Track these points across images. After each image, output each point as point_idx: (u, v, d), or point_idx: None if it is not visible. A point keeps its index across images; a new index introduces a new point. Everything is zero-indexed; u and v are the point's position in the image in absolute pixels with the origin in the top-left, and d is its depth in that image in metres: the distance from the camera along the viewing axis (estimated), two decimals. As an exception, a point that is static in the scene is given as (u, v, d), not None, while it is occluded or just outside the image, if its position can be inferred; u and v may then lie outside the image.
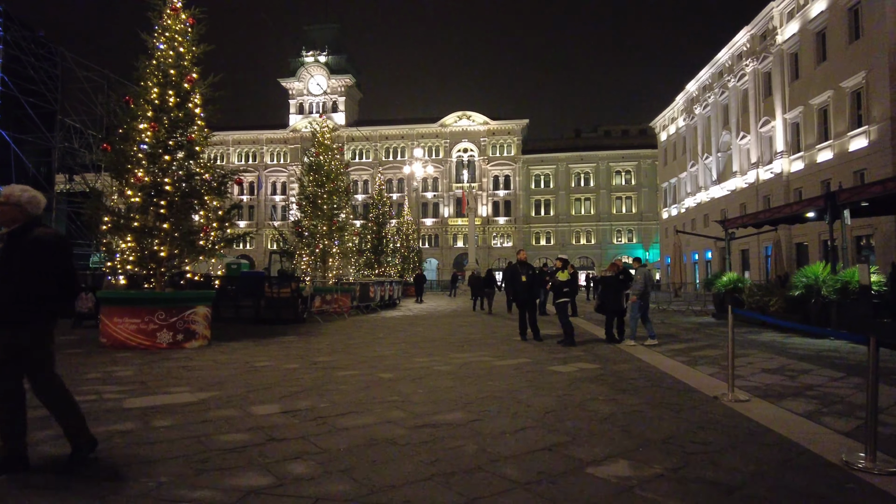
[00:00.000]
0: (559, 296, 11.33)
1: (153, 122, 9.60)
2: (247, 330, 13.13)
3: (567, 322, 10.99)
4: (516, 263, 12.23)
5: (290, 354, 9.02)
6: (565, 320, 11.00)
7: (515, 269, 12.07)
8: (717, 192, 42.15)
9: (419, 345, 10.58)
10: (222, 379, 6.85)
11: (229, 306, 16.02)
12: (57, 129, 25.56)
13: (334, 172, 19.24)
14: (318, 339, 11.46)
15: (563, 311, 11.19)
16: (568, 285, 11.45)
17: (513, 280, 12.04)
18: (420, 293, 29.67)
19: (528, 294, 12.16)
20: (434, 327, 14.51)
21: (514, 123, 71.67)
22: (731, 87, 39.09)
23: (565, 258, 11.86)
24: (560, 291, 11.30)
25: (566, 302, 11.26)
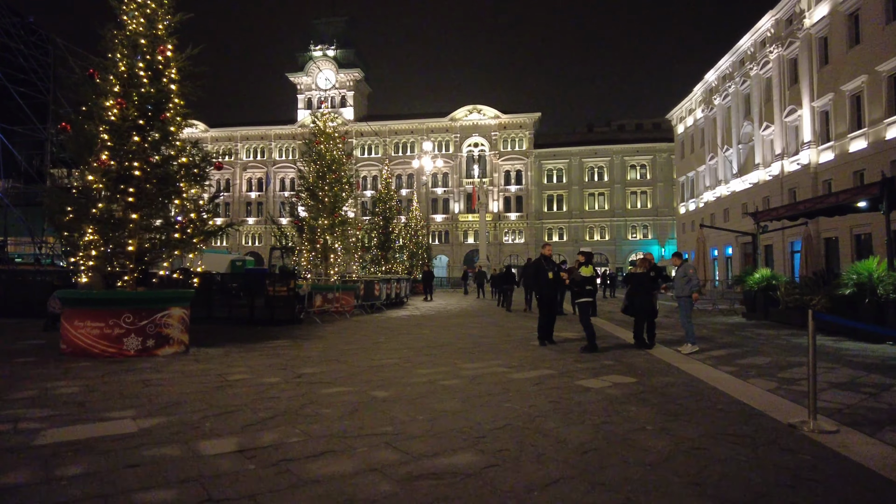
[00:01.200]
0: (581, 294, 10.00)
1: (120, 98, 8.42)
2: (237, 332, 11.97)
3: (590, 325, 9.71)
4: (541, 258, 10.99)
5: (274, 364, 7.82)
6: (588, 323, 9.71)
7: (540, 264, 10.85)
8: (738, 186, 40.49)
9: (424, 351, 9.34)
10: (182, 398, 5.65)
11: (223, 306, 14.91)
12: (50, 120, 24.56)
13: (336, 163, 18.03)
14: (312, 343, 10.26)
15: (586, 312, 9.88)
16: (591, 283, 10.15)
17: (538, 276, 10.82)
18: (429, 291, 28.43)
19: (553, 292, 10.94)
20: (442, 329, 13.27)
21: (526, 117, 70.15)
22: (753, 76, 37.41)
23: (589, 252, 10.53)
24: (582, 289, 9.98)
25: (589, 302, 9.96)
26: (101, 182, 8.20)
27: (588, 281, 9.99)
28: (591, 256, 10.46)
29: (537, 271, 10.91)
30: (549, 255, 11.09)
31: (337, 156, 18.19)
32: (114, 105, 8.38)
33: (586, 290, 9.94)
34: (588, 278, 10.00)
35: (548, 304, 10.83)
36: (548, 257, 10.99)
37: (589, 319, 9.75)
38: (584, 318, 9.76)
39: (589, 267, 10.08)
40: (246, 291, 14.67)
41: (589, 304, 9.89)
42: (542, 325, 10.81)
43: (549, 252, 11.14)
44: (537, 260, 11.09)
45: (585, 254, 10.31)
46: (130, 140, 8.40)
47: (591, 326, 9.72)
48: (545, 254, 11.03)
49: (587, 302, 9.92)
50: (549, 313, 10.86)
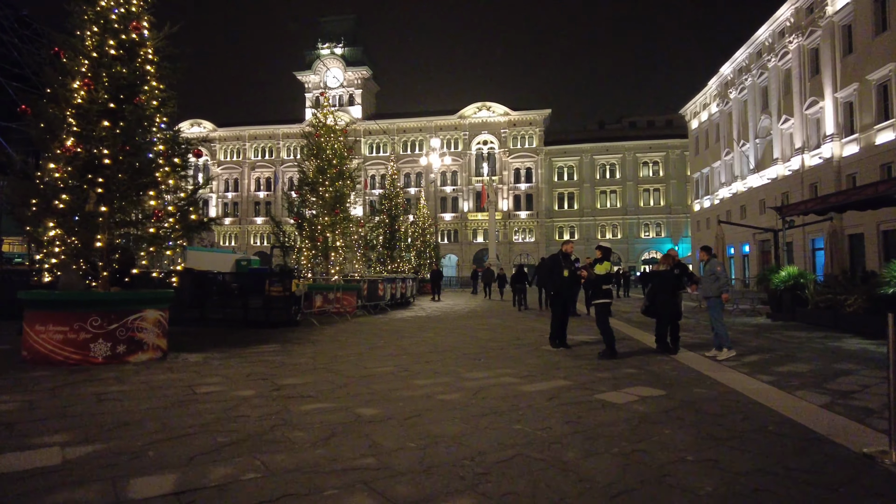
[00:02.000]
0: (598, 295, 9.08)
1: (88, 78, 7.62)
2: (227, 336, 11.17)
3: (608, 329, 8.79)
4: (559, 254, 10.10)
5: (254, 374, 6.98)
6: (606, 326, 8.79)
7: (558, 260, 9.97)
8: (755, 182, 39.28)
9: (425, 357, 8.47)
10: (134, 416, 4.82)
11: (217, 307, 14.14)
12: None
13: (337, 157, 17.21)
14: (303, 348, 9.42)
15: (604, 314, 8.96)
16: (609, 282, 9.22)
17: (553, 273, 9.93)
18: (437, 291, 27.55)
19: (568, 291, 10.06)
20: (448, 331, 12.39)
21: (536, 114, 69.10)
22: (771, 68, 36.19)
23: (607, 247, 9.60)
24: (599, 289, 9.06)
25: (607, 304, 9.03)
26: (65, 171, 7.40)
27: (605, 280, 9.08)
28: (609, 252, 9.54)
29: (552, 268, 10.02)
30: (570, 252, 10.18)
31: (338, 149, 17.37)
32: (81, 87, 7.58)
33: (603, 291, 9.02)
34: (605, 277, 9.08)
35: (562, 304, 9.96)
36: (567, 254, 10.10)
37: (608, 322, 8.84)
38: (603, 322, 8.84)
39: (606, 264, 9.16)
40: (241, 292, 13.87)
41: (607, 305, 8.98)
42: (555, 326, 9.93)
43: (570, 249, 10.23)
44: (554, 256, 10.19)
45: (602, 249, 9.38)
46: (99, 125, 7.59)
47: (611, 330, 8.81)
48: (565, 251, 10.14)
49: (605, 303, 9.00)
50: (563, 314, 9.98)
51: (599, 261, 9.18)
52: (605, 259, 9.21)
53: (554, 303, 10.09)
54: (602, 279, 8.98)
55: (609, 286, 9.11)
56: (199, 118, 79.23)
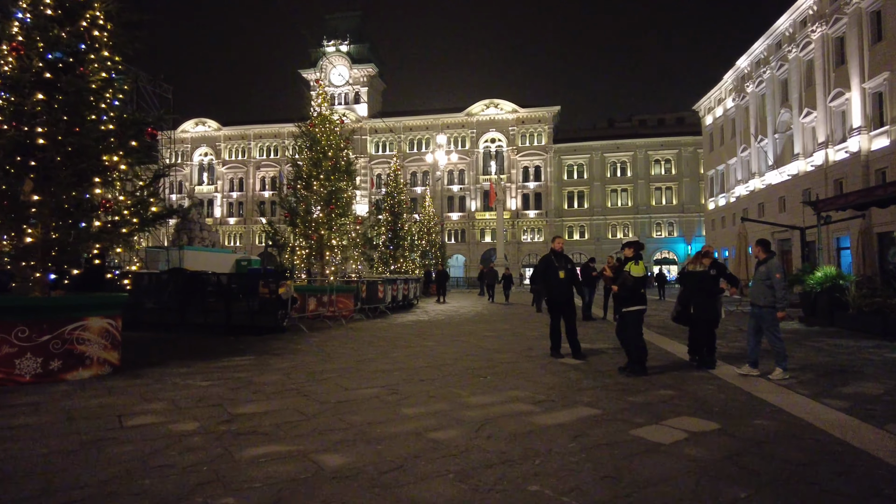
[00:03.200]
0: (633, 300, 7.67)
1: (17, 42, 6.41)
2: (202, 344, 9.96)
3: (641, 341, 7.45)
4: (550, 254, 8.85)
5: (208, 396, 5.73)
6: (638, 339, 7.43)
7: (549, 260, 8.77)
8: (774, 178, 37.70)
9: (421, 374, 7.19)
10: (20, 465, 3.57)
11: (199, 312, 12.95)
12: None
13: (333, 148, 15.98)
14: (281, 361, 8.17)
15: (638, 323, 7.61)
16: (645, 284, 7.86)
17: (546, 275, 8.75)
18: (442, 292, 26.27)
19: (566, 295, 8.78)
20: (450, 339, 11.11)
21: (545, 111, 67.65)
22: (791, 59, 34.62)
23: (639, 241, 8.23)
24: (635, 294, 7.61)
25: (642, 311, 7.68)
26: (-12, 152, 6.19)
27: (641, 283, 7.70)
28: (642, 248, 8.16)
29: (545, 270, 8.78)
30: (560, 249, 8.92)
31: (334, 141, 16.15)
32: (9, 52, 6.37)
33: (639, 296, 7.64)
34: (641, 279, 7.71)
35: (559, 309, 8.71)
36: (558, 252, 8.84)
37: (640, 334, 7.49)
38: (635, 332, 7.48)
39: (640, 264, 7.79)
40: (222, 295, 12.66)
41: (642, 313, 7.63)
42: (553, 333, 8.75)
43: (560, 246, 8.98)
44: (545, 257, 8.91)
45: (634, 245, 7.96)
46: (32, 99, 6.37)
47: (644, 344, 7.47)
48: (555, 248, 8.91)
49: (640, 311, 7.63)
50: (564, 320, 8.73)
51: (633, 260, 7.81)
52: (638, 258, 7.86)
53: (551, 308, 8.87)
54: (638, 283, 7.63)
55: (643, 289, 7.76)
56: (204, 117, 78.54)
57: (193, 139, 78.44)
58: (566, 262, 8.76)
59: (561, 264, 8.65)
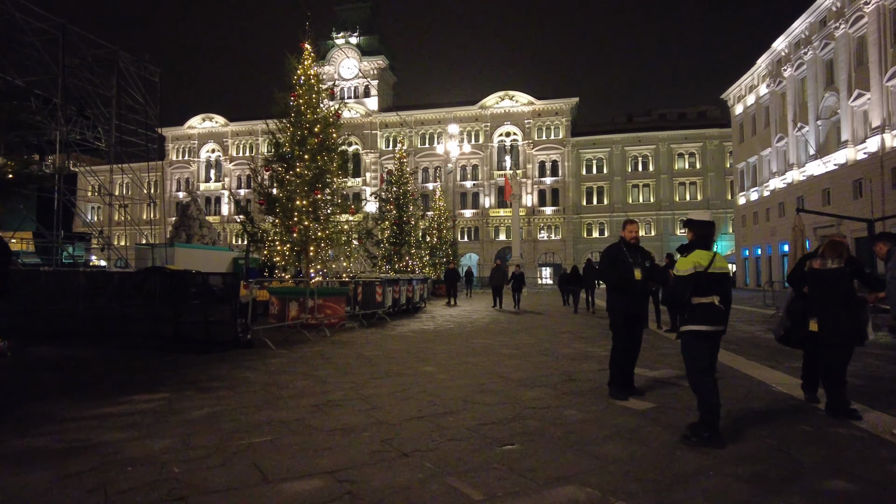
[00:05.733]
0: (693, 314, 4.56)
1: None
2: (118, 367, 7.35)
3: (704, 388, 4.42)
4: (620, 244, 6.04)
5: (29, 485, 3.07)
6: (699, 382, 4.47)
7: (619, 253, 5.97)
8: (816, 169, 34.51)
9: (404, 437, 4.42)
10: None
11: (145, 319, 10.36)
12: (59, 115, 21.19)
13: (320, 123, 13.33)
14: (200, 404, 5.46)
15: (696, 356, 4.55)
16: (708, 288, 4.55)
17: (617, 274, 5.91)
18: (453, 293, 23.52)
19: (643, 305, 6.04)
20: (458, 360, 8.38)
21: (563, 103, 64.59)
22: (839, 37, 31.42)
23: (704, 220, 4.81)
24: (695, 305, 4.57)
25: (701, 334, 4.52)
26: None
27: (705, 284, 4.56)
28: (709, 229, 4.82)
29: (612, 267, 5.94)
30: (635, 238, 6.08)
31: (322, 114, 13.49)
32: None
33: (701, 307, 4.53)
34: (705, 278, 4.59)
35: (631, 325, 5.92)
36: (631, 243, 6.02)
37: (701, 373, 4.49)
38: (697, 367, 4.52)
39: (698, 255, 4.62)
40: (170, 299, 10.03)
41: (702, 338, 4.54)
42: (617, 360, 5.91)
43: (635, 234, 6.06)
44: (613, 248, 6.08)
45: (693, 224, 4.86)
46: None
47: (709, 392, 4.37)
48: (627, 237, 6.04)
49: (702, 332, 4.51)
50: (633, 341, 5.95)
51: (687, 248, 4.81)
52: (701, 243, 4.71)
53: (615, 323, 5.96)
54: (699, 282, 4.52)
55: (710, 299, 4.52)
56: (211, 112, 76.57)
57: (201, 135, 76.51)
58: (643, 258, 5.99)
59: (636, 260, 5.89)
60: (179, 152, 77.11)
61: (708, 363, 4.56)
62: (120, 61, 24.21)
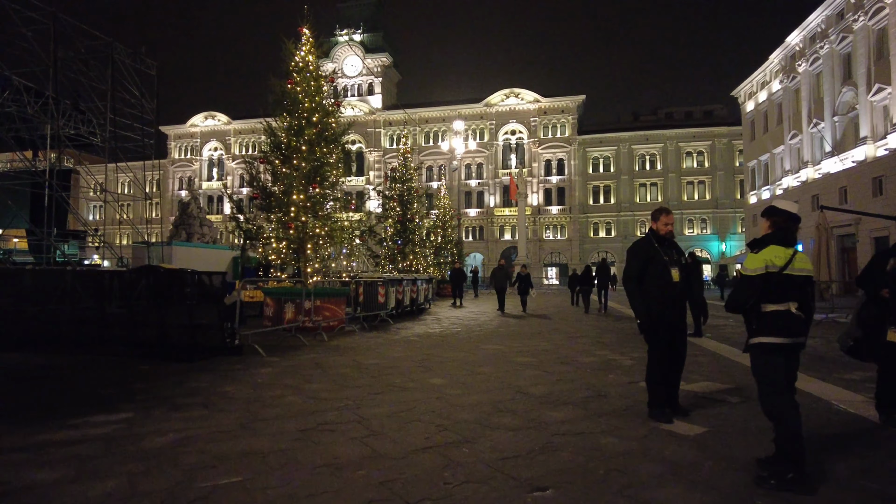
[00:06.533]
0: (765, 324, 3.65)
1: None
2: (88, 378, 6.52)
3: (782, 414, 3.53)
4: (650, 238, 5.12)
5: None
6: (778, 401, 3.57)
7: (651, 249, 5.02)
8: (832, 167, 33.47)
9: (408, 478, 3.58)
10: None
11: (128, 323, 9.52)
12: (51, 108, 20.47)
13: (318, 112, 12.48)
14: (164, 427, 4.61)
15: (770, 375, 3.64)
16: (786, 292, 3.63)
17: (648, 274, 4.96)
18: (458, 294, 22.67)
19: (681, 310, 5.07)
20: (468, 370, 7.51)
21: (569, 100, 63.57)
22: (858, 29, 30.38)
23: (787, 210, 3.81)
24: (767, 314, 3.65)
25: (777, 347, 3.59)
26: None
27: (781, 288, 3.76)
28: (791, 222, 3.85)
29: (646, 265, 4.99)
30: (669, 232, 5.15)
31: (322, 103, 12.64)
32: None
33: (776, 316, 3.63)
34: (778, 280, 3.81)
35: (668, 335, 4.95)
36: (665, 237, 5.09)
37: (778, 395, 3.60)
38: (766, 391, 3.67)
39: (773, 251, 3.83)
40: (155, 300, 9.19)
41: (779, 351, 3.62)
42: (656, 376, 4.95)
43: (670, 227, 5.13)
44: (642, 243, 5.15)
45: (777, 214, 3.89)
46: None
47: (790, 420, 3.49)
48: (659, 229, 5.09)
49: (772, 347, 3.63)
50: (675, 353, 5.04)
51: (760, 243, 3.91)
52: (779, 237, 3.79)
53: (653, 336, 4.93)
54: (771, 285, 3.65)
55: (786, 306, 3.62)
56: (214, 110, 75.87)
57: (203, 133, 75.83)
58: (678, 254, 5.10)
59: (672, 257, 5.00)
60: (182, 150, 76.46)
61: (785, 383, 3.67)
62: (115, 53, 23.41)
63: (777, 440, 3.57)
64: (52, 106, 21.59)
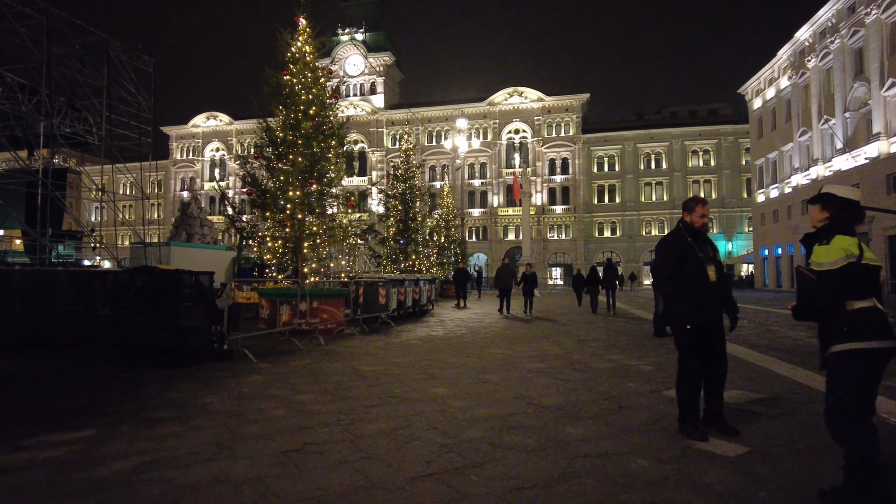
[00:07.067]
0: (857, 328, 3.05)
1: None
2: (68, 384, 5.96)
3: (869, 430, 2.97)
4: (682, 232, 4.49)
5: None
6: (855, 430, 2.97)
7: (685, 245, 4.39)
8: (843, 164, 32.81)
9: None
10: None
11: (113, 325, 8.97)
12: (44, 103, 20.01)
13: (315, 105, 11.92)
14: (134, 445, 4.04)
15: (854, 389, 3.01)
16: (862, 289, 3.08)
17: (682, 272, 4.31)
18: (462, 295, 22.09)
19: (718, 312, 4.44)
20: (475, 378, 6.94)
21: (573, 99, 62.94)
22: (870, 23, 29.73)
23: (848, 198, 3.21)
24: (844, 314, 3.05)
25: (866, 353, 3.00)
26: None
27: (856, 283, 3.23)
28: (856, 211, 3.35)
29: (681, 261, 4.34)
30: (706, 224, 4.53)
31: (317, 94, 12.08)
32: None
33: (855, 318, 3.02)
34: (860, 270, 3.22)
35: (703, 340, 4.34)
36: (698, 231, 4.47)
37: (866, 413, 3.02)
38: (848, 408, 3.02)
39: (841, 241, 3.25)
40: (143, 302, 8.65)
41: (865, 360, 2.99)
42: (689, 387, 4.37)
43: (706, 219, 4.50)
44: (674, 237, 4.53)
45: (837, 202, 3.24)
46: None
47: (875, 442, 2.92)
48: (693, 222, 4.47)
49: (875, 352, 3.00)
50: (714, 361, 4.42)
51: (821, 234, 3.27)
52: (842, 226, 3.18)
53: (685, 342, 4.35)
54: (851, 279, 3.03)
55: (871, 301, 3.04)
56: (216, 111, 75.48)
57: (205, 133, 75.45)
58: (713, 250, 4.50)
59: (707, 253, 4.40)
60: (183, 151, 76.09)
61: (868, 400, 3.07)
62: (111, 49, 22.91)
63: (847, 468, 2.98)
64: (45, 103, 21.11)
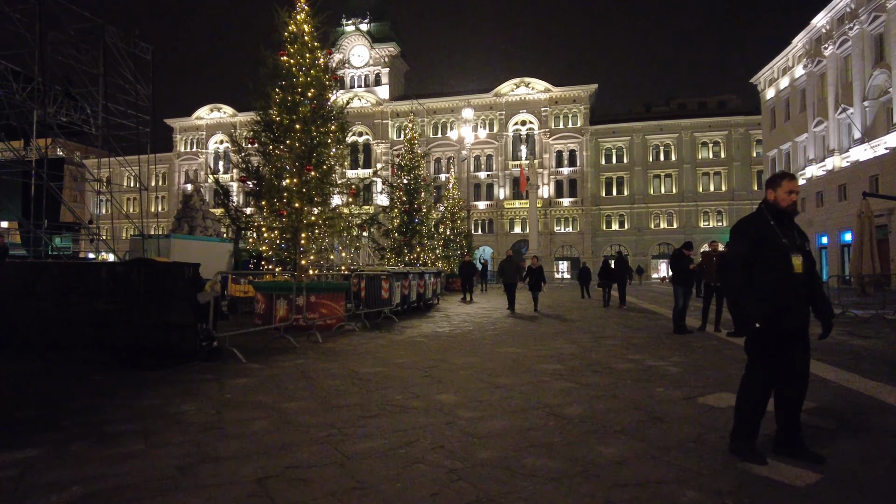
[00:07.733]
0: None
1: None
2: (28, 390, 5.33)
3: None
4: (764, 214, 3.74)
5: None
6: None
7: (768, 231, 3.62)
8: (861, 154, 31.86)
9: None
10: None
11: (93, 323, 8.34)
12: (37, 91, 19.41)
13: (315, 87, 11.22)
14: (84, 468, 3.40)
15: None
16: None
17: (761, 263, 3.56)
18: (469, 288, 21.44)
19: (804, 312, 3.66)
20: (486, 381, 6.26)
21: (581, 90, 61.92)
22: (892, 7, 28.72)
23: None
24: None
25: None
26: None
27: None
28: None
29: (755, 247, 3.59)
30: (794, 204, 3.72)
31: (315, 75, 11.38)
32: None
33: None
34: None
35: (786, 346, 3.62)
36: (784, 212, 3.67)
37: None
38: None
39: None
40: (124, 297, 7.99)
41: None
42: (755, 402, 3.65)
43: (794, 197, 3.69)
44: (755, 219, 3.76)
45: None
46: None
47: None
48: (781, 200, 3.68)
49: None
50: (793, 371, 3.69)
51: None
52: None
53: (759, 349, 3.63)
54: None
55: None
56: (220, 103, 74.87)
57: (209, 126, 74.87)
58: (801, 237, 3.74)
59: (793, 240, 3.65)
60: (187, 144, 75.53)
61: None
62: (107, 36, 22.24)
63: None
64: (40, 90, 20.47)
